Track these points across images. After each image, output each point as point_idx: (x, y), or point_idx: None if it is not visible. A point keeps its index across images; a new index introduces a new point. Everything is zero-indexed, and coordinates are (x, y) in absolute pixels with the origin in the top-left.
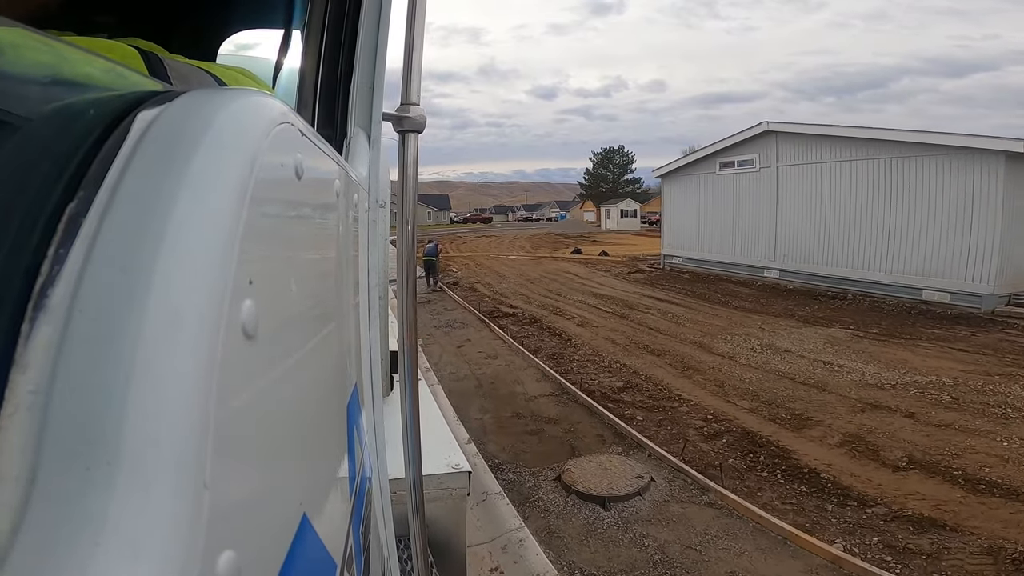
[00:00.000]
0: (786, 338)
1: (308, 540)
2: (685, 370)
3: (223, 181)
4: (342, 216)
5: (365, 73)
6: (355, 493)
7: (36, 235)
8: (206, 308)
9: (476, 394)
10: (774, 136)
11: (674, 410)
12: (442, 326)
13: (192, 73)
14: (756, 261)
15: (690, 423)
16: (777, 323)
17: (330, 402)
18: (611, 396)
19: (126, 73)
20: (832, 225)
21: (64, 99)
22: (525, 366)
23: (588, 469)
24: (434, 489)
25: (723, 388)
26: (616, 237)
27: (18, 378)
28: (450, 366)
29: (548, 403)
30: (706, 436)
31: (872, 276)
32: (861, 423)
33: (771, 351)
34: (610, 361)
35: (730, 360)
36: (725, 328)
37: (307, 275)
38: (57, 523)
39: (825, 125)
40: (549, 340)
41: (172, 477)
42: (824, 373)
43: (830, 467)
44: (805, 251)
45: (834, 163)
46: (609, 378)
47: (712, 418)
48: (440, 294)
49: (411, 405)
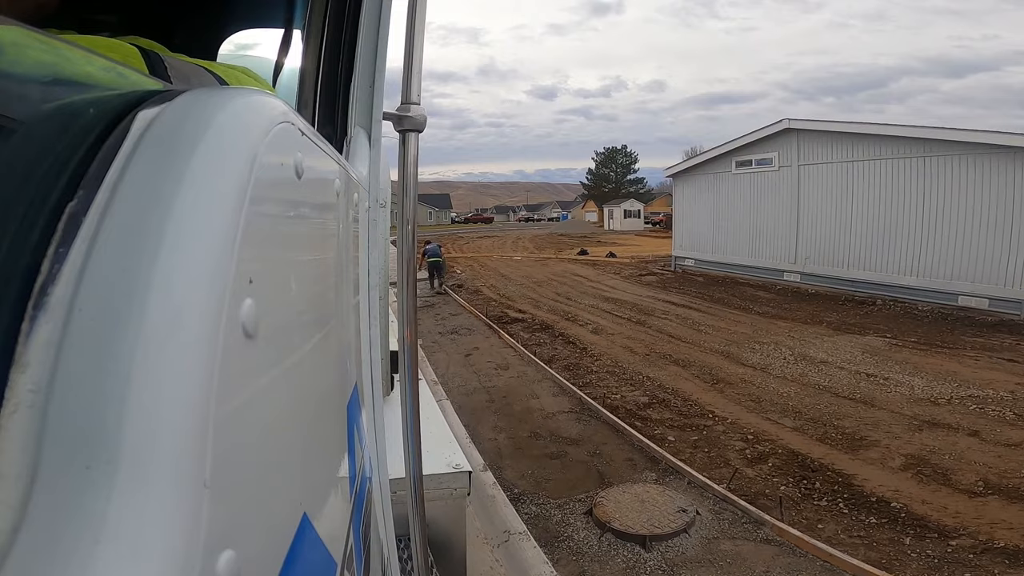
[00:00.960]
0: (819, 347)
1: (308, 539)
2: (715, 383)
3: (223, 180)
4: (342, 216)
5: (365, 72)
6: (355, 493)
7: (36, 234)
8: (206, 307)
9: (488, 410)
10: (795, 134)
11: (709, 429)
12: (447, 332)
13: (193, 72)
14: (775, 264)
15: (729, 444)
16: (806, 330)
17: (330, 402)
18: (637, 413)
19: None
20: (858, 226)
21: (64, 98)
22: (539, 378)
23: (623, 502)
24: (434, 489)
25: (759, 404)
26: (620, 238)
27: (18, 377)
28: (458, 378)
29: (568, 421)
30: (749, 460)
31: (902, 280)
32: (922, 443)
33: (806, 362)
34: (631, 373)
35: (762, 372)
36: (751, 336)
37: (307, 274)
38: (57, 522)
39: (851, 122)
40: (563, 349)
41: (172, 476)
42: (869, 387)
43: (897, 493)
44: (829, 254)
45: (861, 162)
46: (632, 392)
47: (753, 438)
48: (444, 297)
49: (411, 405)
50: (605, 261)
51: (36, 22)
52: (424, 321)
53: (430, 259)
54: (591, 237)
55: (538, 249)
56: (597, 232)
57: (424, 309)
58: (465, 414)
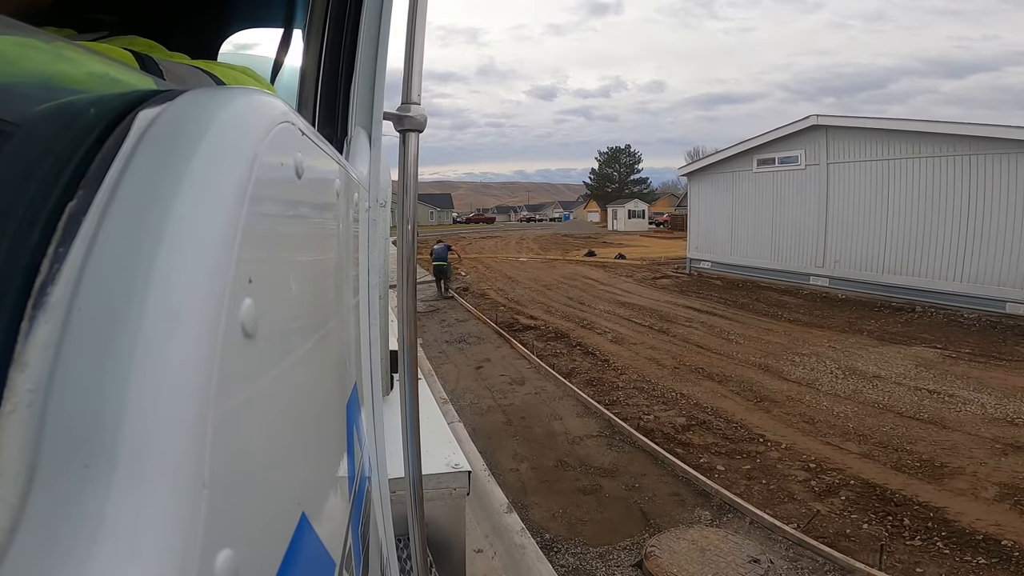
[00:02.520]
0: (866, 359)
1: (307, 539)
2: (758, 401)
3: (223, 180)
4: (342, 215)
5: (366, 72)
6: (354, 492)
7: (36, 233)
8: (205, 307)
9: (505, 433)
10: (823, 131)
11: (761, 456)
12: (455, 341)
13: (190, 74)
14: (801, 267)
15: (789, 474)
16: (846, 340)
17: (330, 401)
18: (675, 437)
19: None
20: (894, 228)
21: (64, 98)
22: (560, 395)
23: (679, 551)
24: (433, 489)
25: (814, 425)
26: (626, 238)
27: (17, 376)
28: (470, 394)
29: (598, 447)
30: (817, 492)
31: (944, 286)
32: (1012, 469)
33: (856, 376)
34: (661, 389)
35: (810, 388)
36: (787, 346)
37: (307, 274)
38: (56, 521)
39: (887, 119)
40: (582, 360)
41: (171, 475)
42: (935, 405)
43: (1000, 528)
44: (860, 257)
45: (897, 160)
46: (666, 412)
47: (816, 467)
48: (450, 301)
49: (411, 404)
50: (615, 263)
51: (31, 21)
52: (429, 328)
53: (435, 262)
54: (596, 238)
55: (543, 250)
56: (601, 233)
57: (429, 315)
58: (480, 438)
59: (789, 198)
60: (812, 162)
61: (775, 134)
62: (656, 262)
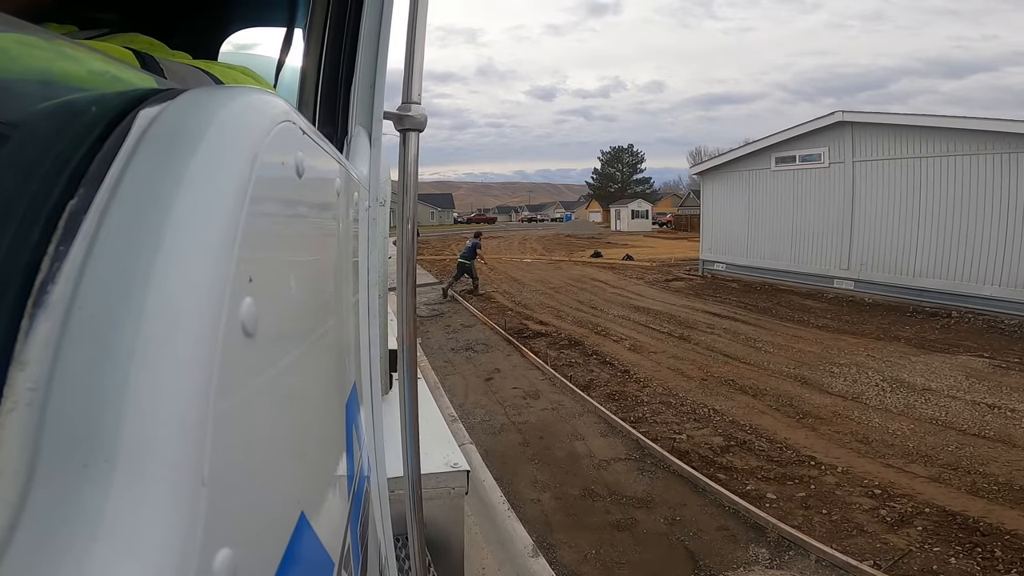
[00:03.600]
0: (911, 370)
1: (305, 538)
2: (801, 418)
3: (224, 179)
4: (342, 215)
5: (366, 72)
6: (353, 492)
7: (37, 232)
8: (205, 306)
9: (523, 456)
10: (849, 127)
11: (816, 481)
12: (461, 349)
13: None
14: (824, 270)
15: (852, 502)
16: (884, 348)
17: (329, 400)
18: (714, 460)
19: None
20: (927, 230)
21: (65, 97)
22: (580, 411)
23: None
24: (432, 488)
25: (869, 445)
26: (630, 239)
27: (17, 375)
28: (480, 410)
29: (627, 472)
30: (888, 523)
31: (982, 291)
32: None
33: (905, 389)
34: (691, 404)
35: (856, 403)
36: (821, 355)
37: (307, 273)
38: (55, 520)
39: (920, 115)
40: (600, 371)
41: (170, 474)
42: (999, 421)
43: None
44: (889, 259)
45: (931, 158)
46: (700, 431)
47: (882, 493)
48: (454, 305)
49: (410, 404)
50: (623, 264)
51: (32, 18)
52: (433, 334)
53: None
54: (600, 238)
55: (548, 251)
56: (604, 233)
57: (432, 319)
58: (495, 462)
59: (811, 197)
60: (837, 160)
61: (795, 131)
62: (665, 263)
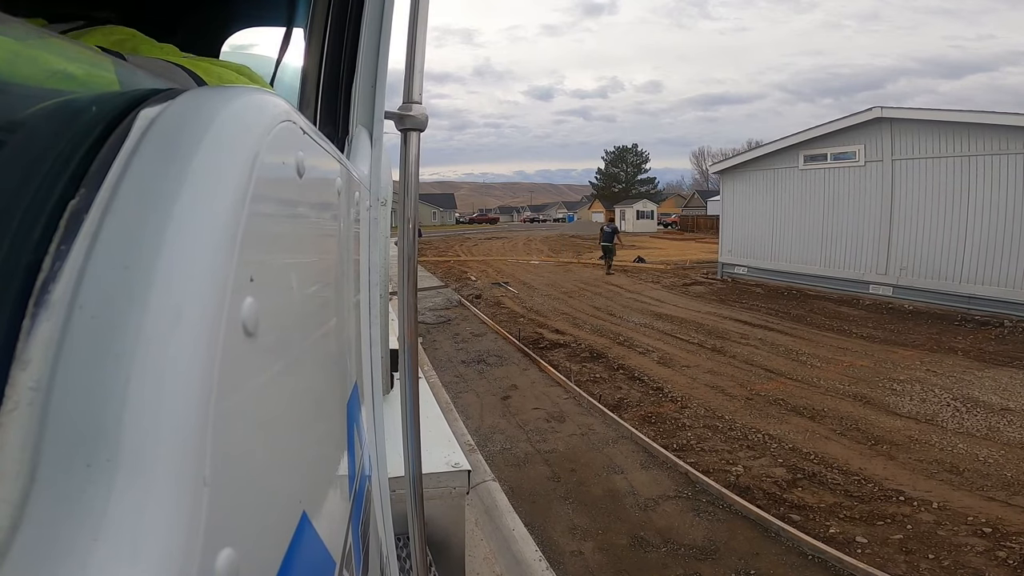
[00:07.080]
0: (980, 387)
1: (307, 538)
2: (873, 444)
3: (224, 179)
4: (343, 214)
5: (367, 71)
6: (354, 491)
7: (38, 231)
8: (207, 305)
9: (554, 494)
10: (888, 124)
11: (911, 520)
12: (472, 361)
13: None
14: (859, 275)
15: (959, 543)
16: (942, 362)
17: (330, 400)
18: (782, 497)
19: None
20: (976, 233)
21: (66, 96)
22: (613, 436)
23: None
24: (433, 487)
25: (962, 475)
26: (636, 240)
27: (19, 374)
28: (499, 435)
29: (681, 513)
30: (1011, 566)
31: None
32: None
33: (982, 409)
34: (740, 428)
35: (932, 425)
36: (875, 370)
37: (308, 273)
38: (57, 519)
39: (967, 111)
40: (629, 388)
41: (172, 474)
42: None
43: None
44: (933, 264)
45: (980, 156)
46: (757, 460)
47: (993, 531)
48: (461, 311)
49: (411, 403)
50: (636, 267)
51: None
52: (441, 344)
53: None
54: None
55: (554, 252)
56: None
57: (439, 327)
58: (523, 502)
59: (844, 198)
60: (874, 158)
61: (827, 128)
62: (679, 266)
